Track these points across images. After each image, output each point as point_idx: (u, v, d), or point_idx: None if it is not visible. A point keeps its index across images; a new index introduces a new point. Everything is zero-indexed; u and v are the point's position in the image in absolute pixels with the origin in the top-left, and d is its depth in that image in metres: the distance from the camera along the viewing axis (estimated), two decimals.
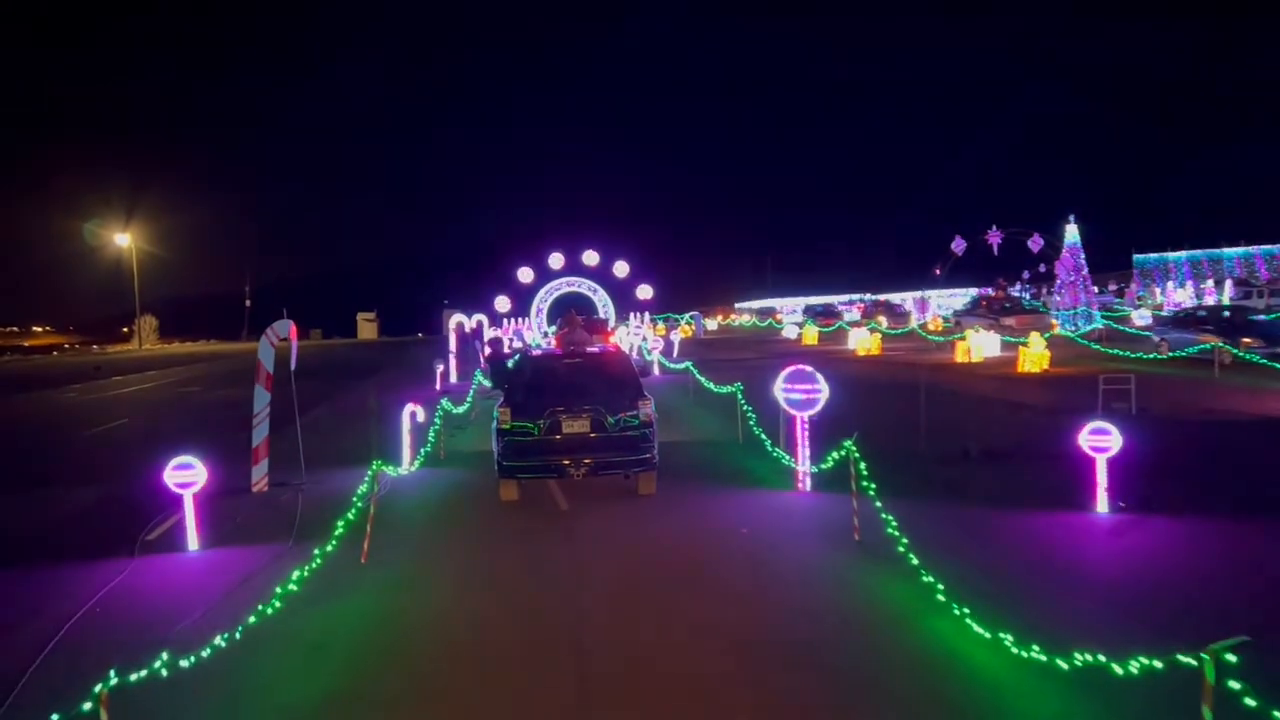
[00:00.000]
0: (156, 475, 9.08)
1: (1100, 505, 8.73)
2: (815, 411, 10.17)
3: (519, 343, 31.27)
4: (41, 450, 17.20)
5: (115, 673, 4.50)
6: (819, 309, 60.43)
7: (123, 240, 75.33)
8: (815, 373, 10.17)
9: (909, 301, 62.79)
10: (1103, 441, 8.60)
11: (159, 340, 78.15)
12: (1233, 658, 3.55)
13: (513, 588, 7.40)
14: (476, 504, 10.40)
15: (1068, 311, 36.11)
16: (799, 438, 10.19)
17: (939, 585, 6.00)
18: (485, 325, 35.45)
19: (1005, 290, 45.62)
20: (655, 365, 26.12)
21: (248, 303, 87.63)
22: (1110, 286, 66.62)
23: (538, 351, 15.09)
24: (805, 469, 10.18)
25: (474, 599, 7.15)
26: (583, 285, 44.09)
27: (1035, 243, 44.08)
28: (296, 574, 6.25)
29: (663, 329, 47.74)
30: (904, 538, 6.68)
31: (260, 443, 11.47)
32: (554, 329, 30.06)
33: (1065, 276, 37.09)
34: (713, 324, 73.00)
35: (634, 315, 44.40)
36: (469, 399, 17.72)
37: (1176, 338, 23.83)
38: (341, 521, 7.58)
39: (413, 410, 13.05)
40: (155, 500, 10.01)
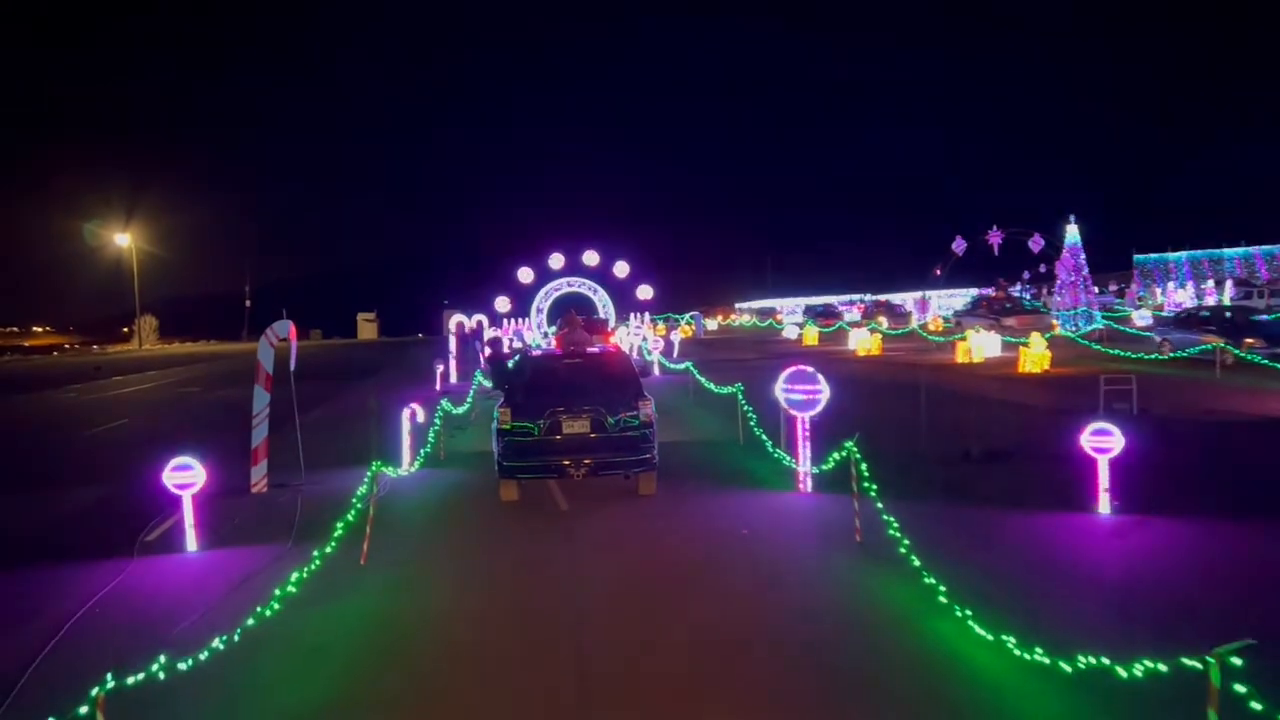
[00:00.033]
0: (156, 476, 9.05)
1: (1102, 506, 8.70)
2: (816, 412, 10.15)
3: (519, 343, 31.23)
4: (41, 450, 17.18)
5: (112, 676, 4.47)
6: (819, 309, 60.45)
7: (123, 240, 75.39)
8: (816, 373, 10.15)
9: (909, 302, 62.73)
10: (1105, 442, 8.57)
11: (159, 340, 78.16)
12: (1238, 661, 3.53)
13: (513, 588, 7.38)
14: (476, 505, 10.38)
15: (1068, 312, 36.07)
16: (800, 438, 10.16)
17: (941, 587, 5.98)
18: (485, 325, 35.44)
19: (1006, 290, 45.61)
20: (655, 365, 26.10)
21: (248, 303, 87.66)
22: (1110, 287, 66.60)
23: (538, 352, 15.08)
24: (806, 470, 10.16)
25: (474, 600, 7.13)
26: (583, 285, 44.04)
27: (1035, 243, 44.06)
28: (296, 575, 6.22)
29: (663, 329, 47.71)
30: (905, 539, 6.65)
31: (259, 443, 11.45)
32: (554, 329, 30.02)
33: (1065, 277, 37.06)
34: (713, 324, 72.98)
35: (634, 315, 44.36)
36: (469, 399, 17.70)
37: (1179, 338, 23.79)
38: (341, 522, 7.56)
39: (412, 411, 13.03)
40: (154, 501, 9.99)
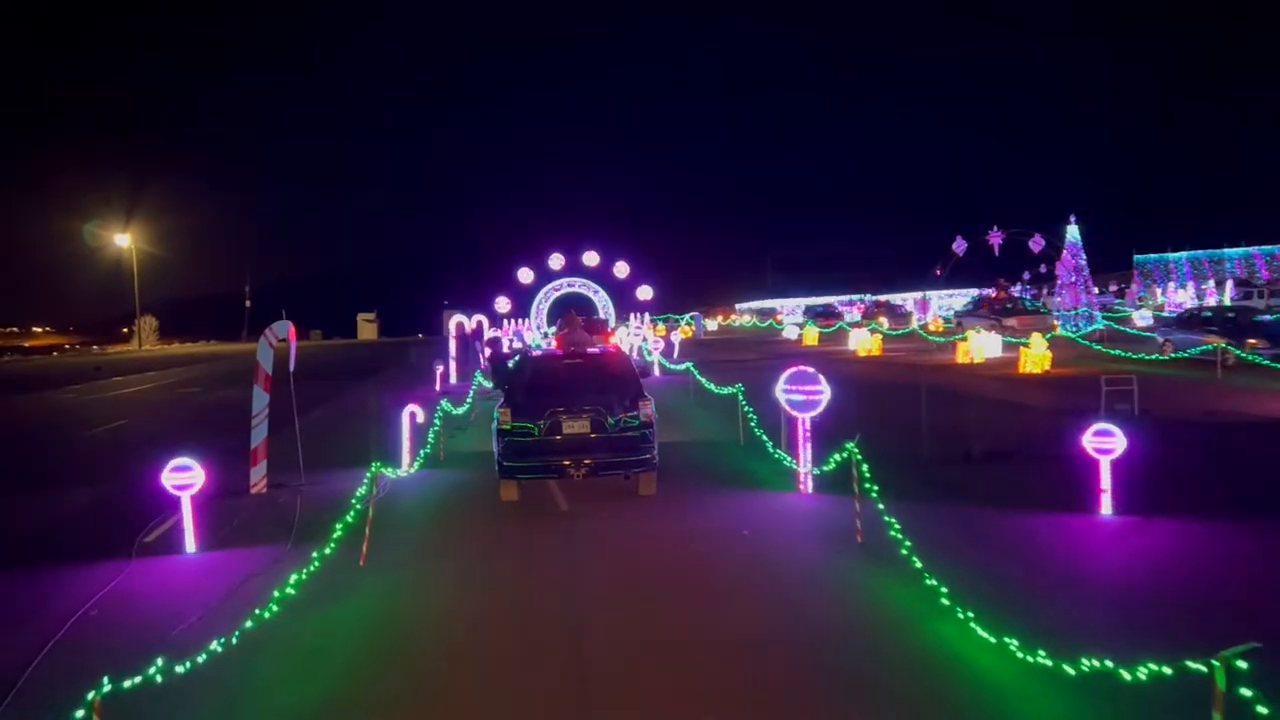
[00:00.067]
0: (155, 476, 9.02)
1: (1104, 507, 8.67)
2: (817, 413, 10.12)
3: (519, 343, 31.21)
4: (41, 451, 17.17)
5: (109, 679, 4.44)
6: (819, 309, 60.48)
7: (123, 240, 75.50)
8: (817, 374, 10.12)
9: (910, 302, 62.76)
10: (1106, 443, 8.54)
11: (159, 341, 78.20)
12: (1243, 664, 3.50)
13: (513, 589, 7.36)
14: (476, 505, 10.35)
15: (1069, 312, 36.05)
16: (800, 439, 10.14)
17: (943, 588, 5.95)
18: (485, 326, 35.42)
19: (1006, 291, 45.59)
20: (656, 366, 26.05)
21: (248, 303, 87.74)
22: (1111, 287, 66.65)
23: (538, 352, 15.05)
24: (807, 470, 10.13)
25: (474, 600, 7.10)
26: (583, 285, 44.08)
27: (1036, 243, 44.01)
28: (295, 576, 6.20)
29: (663, 329, 47.70)
30: (907, 540, 6.63)
31: (259, 444, 11.42)
32: (554, 329, 30.02)
33: (1066, 277, 37.04)
34: (713, 324, 73.02)
35: (634, 316, 44.38)
36: (469, 400, 17.68)
37: (1181, 338, 23.76)
38: (340, 523, 7.52)
39: (412, 411, 13.01)
40: (153, 502, 9.96)
